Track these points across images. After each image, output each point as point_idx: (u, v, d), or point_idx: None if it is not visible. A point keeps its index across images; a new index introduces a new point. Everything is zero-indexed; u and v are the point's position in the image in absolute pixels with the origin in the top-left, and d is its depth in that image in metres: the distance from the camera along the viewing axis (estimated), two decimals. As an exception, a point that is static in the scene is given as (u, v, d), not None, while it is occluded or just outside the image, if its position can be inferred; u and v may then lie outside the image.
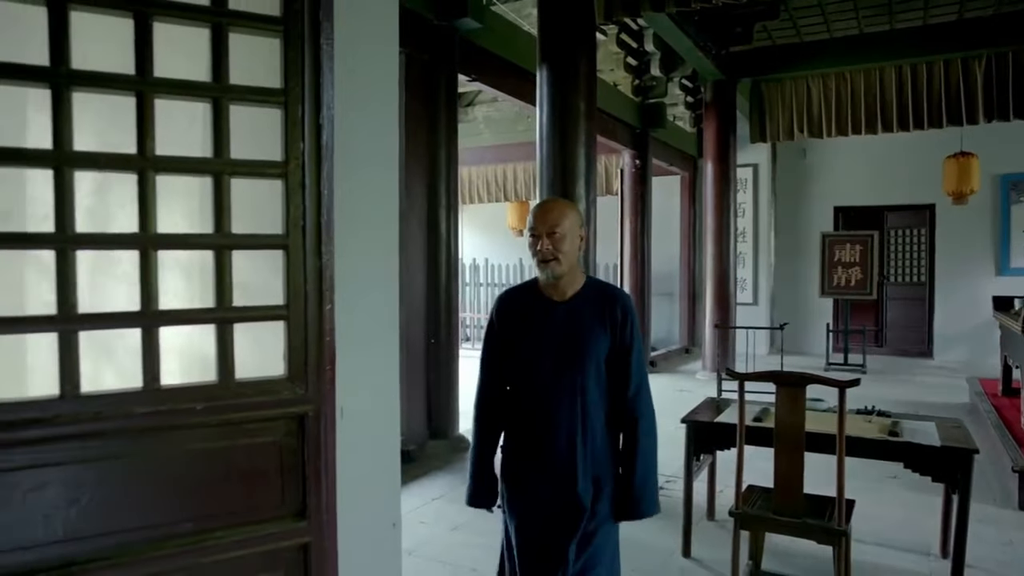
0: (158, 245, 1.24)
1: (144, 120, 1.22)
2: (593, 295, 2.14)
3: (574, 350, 2.08)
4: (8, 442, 1.13)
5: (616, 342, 2.10)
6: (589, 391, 2.09)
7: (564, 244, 2.04)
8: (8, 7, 1.16)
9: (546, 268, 2.06)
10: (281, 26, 1.32)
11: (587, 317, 2.10)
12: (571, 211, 2.12)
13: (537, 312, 2.14)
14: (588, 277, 2.18)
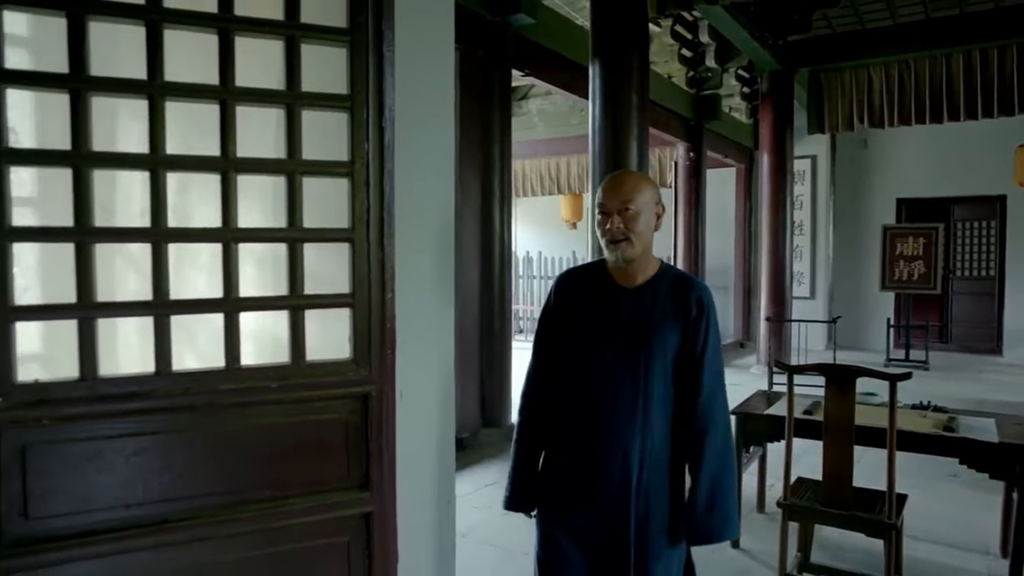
0: (238, 239, 1.38)
1: (226, 126, 1.35)
2: (667, 284, 1.86)
3: (639, 344, 1.81)
4: (115, 412, 1.29)
5: (689, 339, 1.83)
6: (652, 393, 1.81)
7: (638, 223, 1.79)
8: (111, 29, 1.30)
9: (616, 249, 1.80)
10: (347, 36, 1.43)
11: (658, 308, 1.83)
12: (647, 185, 1.85)
13: (600, 297, 1.88)
14: (663, 263, 1.92)
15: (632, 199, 1.78)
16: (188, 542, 1.36)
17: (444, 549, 1.87)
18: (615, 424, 1.81)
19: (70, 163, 1.26)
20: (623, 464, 1.80)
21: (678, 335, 1.82)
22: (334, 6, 1.45)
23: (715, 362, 1.86)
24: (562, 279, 1.99)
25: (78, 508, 1.28)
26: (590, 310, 1.88)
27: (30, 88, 1.25)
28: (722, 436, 1.85)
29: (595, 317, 1.87)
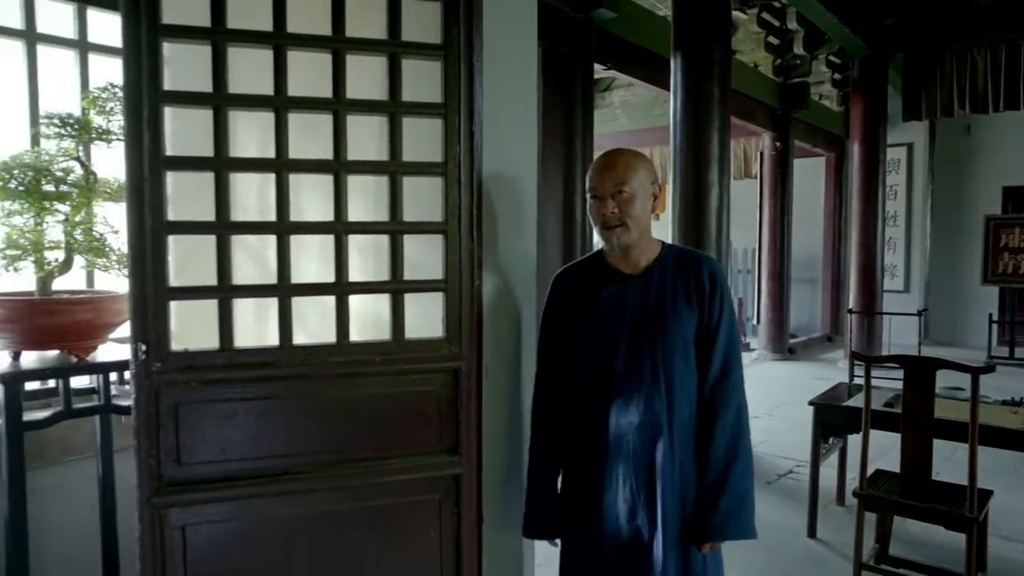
0: (348, 231, 1.59)
1: (338, 133, 1.56)
2: (674, 263, 1.74)
3: (655, 330, 1.69)
4: (247, 379, 1.52)
5: (704, 317, 1.71)
6: (675, 380, 1.70)
7: (633, 206, 1.67)
8: (244, 52, 1.53)
9: (611, 237, 1.69)
10: (442, 51, 1.62)
11: (668, 289, 1.71)
12: (640, 164, 1.72)
13: (605, 289, 1.76)
14: (664, 244, 1.80)
15: (626, 181, 1.67)
16: (304, 492, 1.59)
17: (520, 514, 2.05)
18: (639, 419, 1.70)
19: (213, 167, 1.49)
20: (648, 460, 1.70)
21: (695, 314, 1.71)
22: (430, 24, 1.64)
23: (729, 338, 1.75)
24: (559, 277, 1.88)
25: (217, 457, 1.52)
26: (596, 304, 1.75)
27: (181, 105, 1.49)
28: (734, 418, 1.74)
29: (603, 311, 1.74)
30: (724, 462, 1.71)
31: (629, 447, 1.71)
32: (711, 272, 1.74)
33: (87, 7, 2.32)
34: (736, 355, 1.77)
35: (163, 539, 1.50)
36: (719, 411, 1.73)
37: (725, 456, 1.71)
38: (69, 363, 1.78)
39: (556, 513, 1.82)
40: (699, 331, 1.72)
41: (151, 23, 1.44)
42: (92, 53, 2.36)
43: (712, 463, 1.71)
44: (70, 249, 1.83)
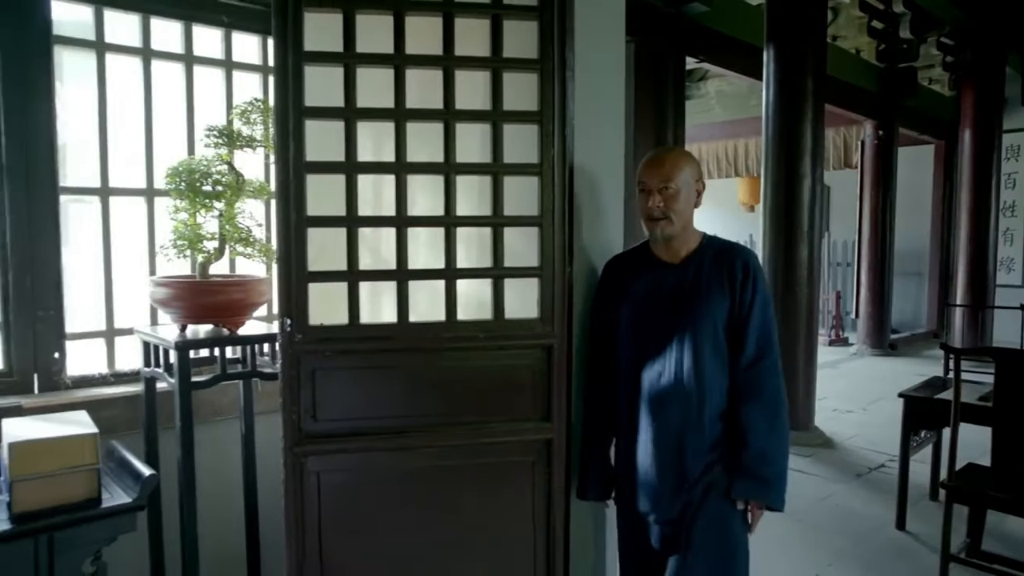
0: (456, 224, 1.83)
1: (448, 139, 1.81)
2: (712, 253, 1.89)
3: (687, 313, 1.83)
4: (371, 350, 1.80)
5: (736, 303, 1.84)
6: (705, 363, 1.82)
7: (677, 201, 1.83)
8: (369, 72, 1.79)
9: (655, 228, 1.86)
10: (538, 65, 1.83)
11: (703, 277, 1.86)
12: (686, 162, 1.88)
13: (646, 275, 1.93)
14: (706, 236, 1.96)
15: (673, 177, 1.83)
16: (417, 448, 1.85)
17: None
18: (669, 397, 1.83)
19: (344, 171, 1.77)
20: (679, 438, 1.83)
21: (727, 301, 1.83)
22: (528, 40, 1.85)
23: (762, 323, 1.84)
24: (609, 264, 2.05)
25: (346, 416, 1.80)
26: (637, 289, 1.92)
27: (319, 119, 1.77)
28: (772, 396, 1.83)
29: (643, 294, 1.91)
30: (764, 439, 1.80)
31: (663, 420, 1.84)
32: (745, 262, 1.86)
33: (232, 32, 2.67)
34: (770, 340, 1.85)
35: (302, 482, 1.79)
36: (755, 391, 1.82)
37: (766, 434, 1.81)
38: (223, 335, 2.12)
39: (607, 478, 2.00)
40: (731, 317, 1.83)
41: (297, 50, 1.73)
42: (236, 71, 2.72)
43: (751, 440, 1.80)
44: (223, 240, 2.17)
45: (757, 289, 1.84)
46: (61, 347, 2.34)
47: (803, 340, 5.24)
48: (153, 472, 1.87)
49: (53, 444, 1.76)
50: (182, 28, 2.59)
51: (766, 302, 1.86)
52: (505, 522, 1.92)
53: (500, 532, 1.93)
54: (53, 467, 1.75)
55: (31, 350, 2.28)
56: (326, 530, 1.80)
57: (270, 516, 2.43)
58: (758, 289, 1.85)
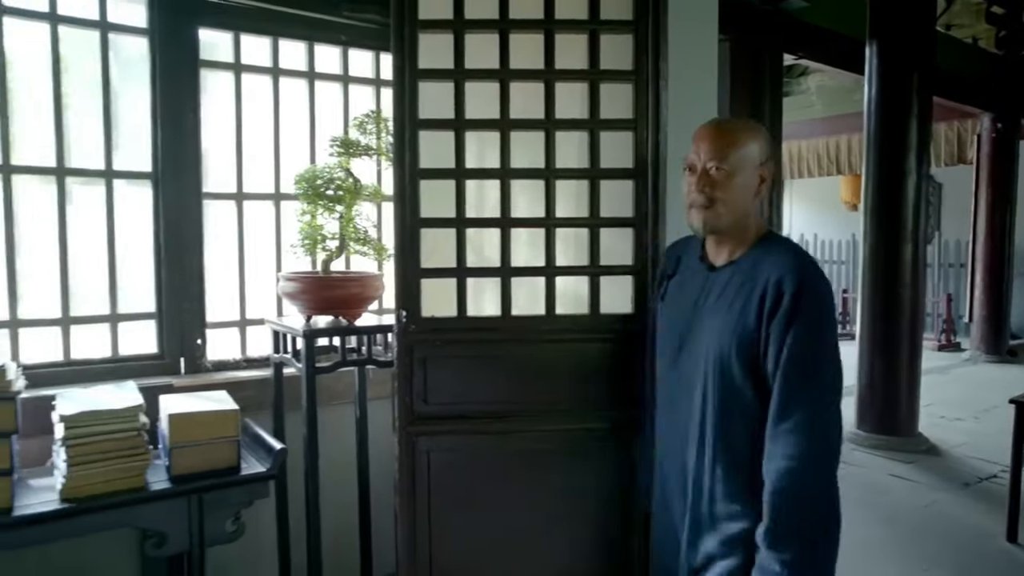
0: (556, 225, 1.98)
1: (549, 146, 1.96)
2: (752, 262, 1.46)
3: (707, 335, 1.47)
4: (477, 340, 1.97)
5: (763, 339, 1.38)
6: (720, 404, 1.45)
7: (729, 186, 1.44)
8: (474, 84, 1.96)
9: (697, 217, 1.48)
10: (633, 76, 1.95)
11: (732, 295, 1.45)
12: (749, 138, 1.47)
13: (687, 276, 1.61)
14: (768, 235, 1.52)
15: (725, 155, 1.43)
16: (517, 431, 2.00)
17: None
18: (678, 435, 1.56)
19: (454, 176, 1.95)
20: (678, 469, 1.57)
21: (751, 331, 1.39)
22: (623, 52, 1.98)
23: (801, 374, 1.35)
24: (668, 250, 1.77)
25: (453, 400, 1.98)
26: (675, 292, 1.63)
27: (431, 130, 1.95)
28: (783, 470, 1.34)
29: (677, 301, 1.60)
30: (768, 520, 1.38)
31: (675, 444, 1.58)
32: (779, 283, 1.37)
33: (349, 49, 2.92)
34: (798, 397, 1.35)
35: (414, 460, 1.99)
36: (770, 457, 1.38)
37: (770, 513, 1.37)
38: (343, 325, 2.35)
39: None
40: (757, 355, 1.40)
41: (412, 69, 1.92)
42: (352, 84, 2.96)
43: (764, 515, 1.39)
44: (343, 239, 2.39)
45: (797, 325, 1.34)
46: (203, 334, 2.65)
47: (906, 343, 5.09)
48: (284, 446, 2.11)
49: (203, 417, 2.02)
50: (305, 48, 2.86)
51: (805, 345, 1.35)
52: (596, 504, 2.05)
53: (588, 512, 2.06)
54: (203, 437, 2.01)
55: (179, 337, 2.59)
56: (434, 502, 1.99)
57: (380, 493, 2.66)
58: (800, 326, 1.34)
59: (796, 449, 1.33)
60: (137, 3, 2.52)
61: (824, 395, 1.37)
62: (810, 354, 1.36)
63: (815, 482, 1.35)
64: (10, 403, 1.80)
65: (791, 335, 1.35)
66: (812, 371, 1.37)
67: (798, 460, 1.33)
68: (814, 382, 1.37)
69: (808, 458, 1.33)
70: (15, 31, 2.33)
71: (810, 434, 1.34)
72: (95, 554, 2.32)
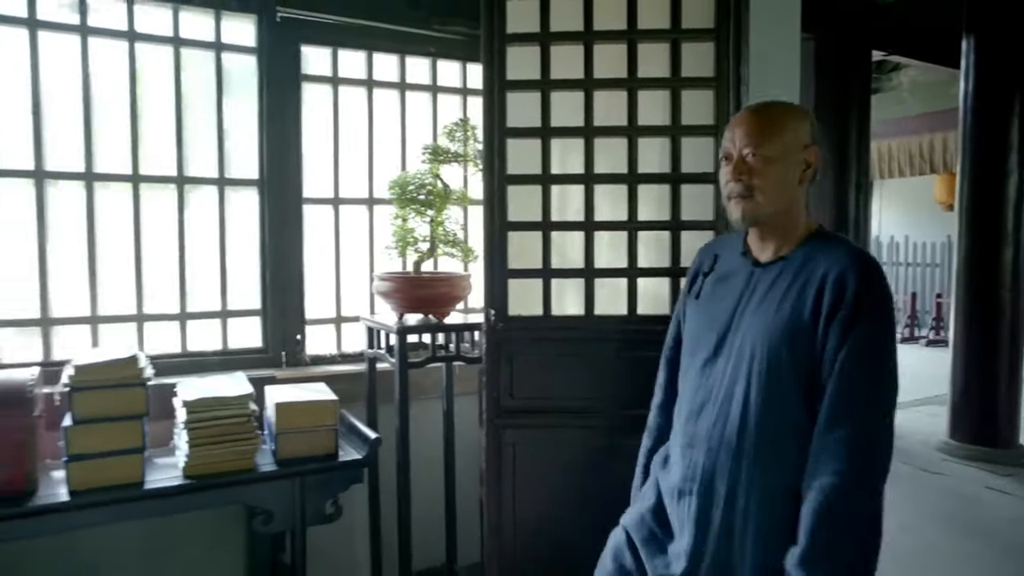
0: (638, 228, 2.05)
1: (632, 152, 2.03)
2: (803, 258, 1.34)
3: (752, 339, 1.33)
4: (560, 338, 2.07)
5: (818, 339, 1.27)
6: (765, 420, 1.30)
7: (768, 174, 1.33)
8: (565, 94, 2.05)
9: (735, 208, 1.37)
10: (714, 83, 2.00)
11: (781, 294, 1.33)
12: (789, 122, 1.36)
13: (726, 275, 1.47)
14: (817, 229, 1.41)
15: (764, 141, 1.33)
16: (596, 427, 2.09)
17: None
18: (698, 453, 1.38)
19: (540, 182, 2.05)
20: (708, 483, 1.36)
21: (808, 331, 1.27)
22: (704, 58, 2.03)
23: (859, 378, 1.24)
24: (702, 249, 1.62)
25: (538, 395, 2.08)
26: (713, 290, 1.48)
27: (518, 137, 2.06)
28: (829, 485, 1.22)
29: (715, 300, 1.46)
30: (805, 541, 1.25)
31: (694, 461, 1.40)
32: (840, 279, 1.27)
33: (438, 60, 3.07)
34: (852, 408, 1.24)
35: (500, 451, 2.10)
36: (813, 472, 1.26)
37: (807, 533, 1.24)
38: (433, 323, 2.48)
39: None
40: (811, 359, 1.28)
41: (501, 80, 2.03)
42: (440, 94, 3.11)
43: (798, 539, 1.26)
44: (433, 241, 2.53)
45: (857, 326, 1.24)
46: (302, 330, 2.84)
47: (1006, 350, 4.87)
48: (378, 436, 2.25)
49: (306, 406, 2.19)
50: (397, 60, 3.02)
51: (865, 347, 1.25)
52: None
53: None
54: (306, 425, 2.18)
55: (281, 332, 2.80)
56: (518, 491, 2.10)
57: (464, 486, 2.79)
58: (858, 327, 1.24)
59: (844, 464, 1.22)
60: (247, 23, 2.73)
61: (880, 409, 1.27)
62: (872, 363, 1.25)
63: (862, 503, 1.23)
64: (142, 389, 2.01)
65: (852, 337, 1.24)
66: (871, 381, 1.25)
67: (844, 477, 1.22)
68: (872, 394, 1.25)
69: (856, 476, 1.22)
70: (143, 55, 2.57)
71: (861, 448, 1.23)
72: (208, 527, 2.54)
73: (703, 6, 1.99)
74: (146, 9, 2.56)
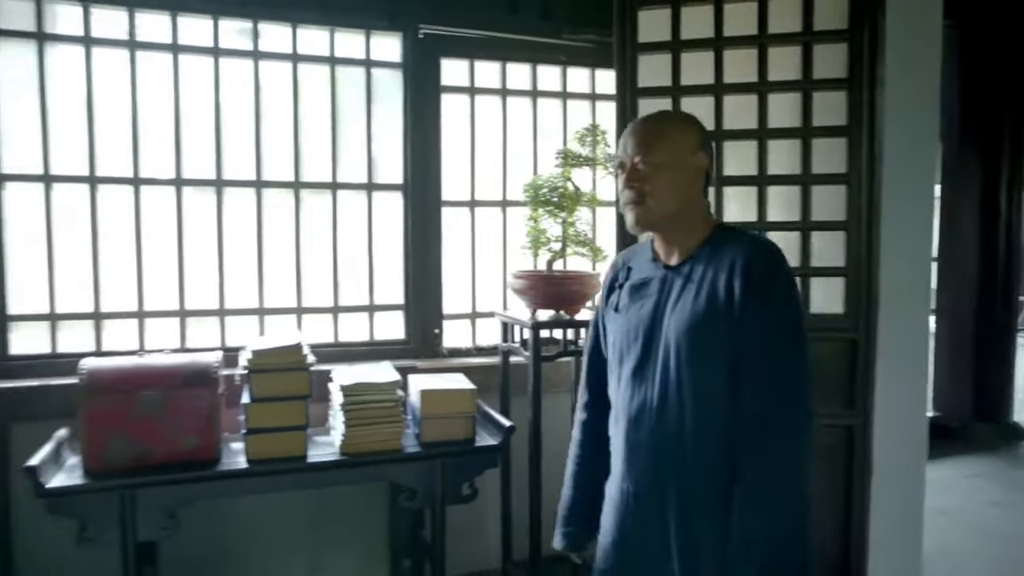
0: (768, 229, 2.09)
1: (762, 154, 2.07)
2: (709, 253, 1.38)
3: (673, 337, 1.36)
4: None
5: (735, 327, 1.30)
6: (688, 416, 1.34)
7: (656, 180, 1.36)
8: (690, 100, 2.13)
9: (629, 215, 1.41)
10: (847, 84, 2.01)
11: (692, 290, 1.36)
12: (675, 130, 1.41)
13: (637, 279, 1.49)
14: (717, 227, 1.44)
15: (652, 147, 1.37)
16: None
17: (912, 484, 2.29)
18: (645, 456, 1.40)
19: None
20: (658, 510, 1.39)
21: (722, 321, 1.32)
22: (836, 60, 2.04)
23: (777, 362, 1.29)
24: (615, 262, 1.61)
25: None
26: (630, 302, 1.48)
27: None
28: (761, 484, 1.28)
29: (634, 308, 1.46)
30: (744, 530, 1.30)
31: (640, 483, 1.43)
32: (746, 265, 1.31)
33: (567, 67, 3.21)
34: (781, 384, 1.30)
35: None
36: (745, 463, 1.30)
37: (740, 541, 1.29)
38: (564, 319, 2.62)
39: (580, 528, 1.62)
40: (734, 340, 1.31)
41: (633, 87, 2.13)
42: (569, 99, 3.25)
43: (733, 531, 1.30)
44: (564, 241, 2.67)
45: (767, 305, 1.30)
46: (440, 324, 3.06)
47: None
48: (512, 424, 2.41)
49: (448, 394, 2.38)
50: (529, 69, 3.18)
51: (779, 326, 1.31)
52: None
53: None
54: (447, 411, 2.36)
55: (421, 326, 3.02)
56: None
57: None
58: (768, 305, 1.30)
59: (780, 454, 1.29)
60: (393, 40, 2.97)
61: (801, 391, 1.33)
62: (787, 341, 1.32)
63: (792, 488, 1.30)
64: (306, 373, 2.26)
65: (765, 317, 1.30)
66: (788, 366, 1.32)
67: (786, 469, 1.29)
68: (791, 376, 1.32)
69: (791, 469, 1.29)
70: (305, 74, 2.87)
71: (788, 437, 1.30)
72: (355, 502, 2.79)
73: (836, 8, 2.00)
74: (306, 32, 2.86)
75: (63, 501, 1.93)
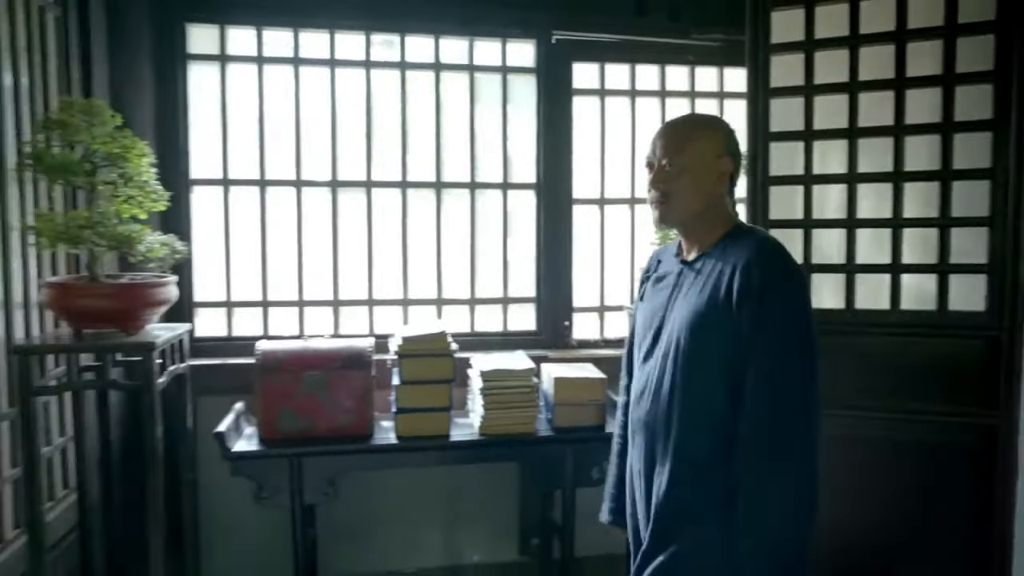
0: (904, 226, 2.08)
1: (898, 151, 2.07)
2: (722, 251, 1.45)
3: (677, 332, 1.45)
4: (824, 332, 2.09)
5: (733, 324, 1.36)
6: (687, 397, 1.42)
7: (680, 181, 1.45)
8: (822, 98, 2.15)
9: (654, 212, 1.51)
10: (992, 76, 1.97)
11: (701, 282, 1.45)
12: (701, 134, 1.48)
13: (664, 276, 1.58)
14: (734, 227, 1.49)
15: (677, 151, 1.46)
16: (864, 418, 2.13)
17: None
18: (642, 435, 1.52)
19: (802, 183, 2.16)
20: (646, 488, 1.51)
21: (722, 323, 1.38)
22: (980, 52, 2.00)
23: (775, 371, 1.33)
24: (652, 254, 1.74)
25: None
26: (652, 291, 1.60)
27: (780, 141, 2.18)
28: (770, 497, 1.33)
29: (653, 299, 1.58)
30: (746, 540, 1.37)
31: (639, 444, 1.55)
32: (747, 269, 1.36)
33: (695, 67, 3.26)
34: (776, 385, 1.34)
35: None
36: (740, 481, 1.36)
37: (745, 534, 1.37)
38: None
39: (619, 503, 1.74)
40: (730, 339, 1.38)
41: (765, 87, 2.18)
42: (698, 99, 3.29)
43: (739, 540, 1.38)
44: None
45: (766, 312, 1.34)
46: (570, 316, 3.20)
47: None
48: (640, 412, 2.51)
49: (580, 382, 2.52)
50: (657, 70, 3.26)
51: (781, 336, 1.34)
52: (942, 500, 2.10)
53: (927, 506, 2.11)
54: (578, 398, 2.50)
55: (552, 318, 3.18)
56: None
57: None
58: (769, 314, 1.34)
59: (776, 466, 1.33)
60: (527, 46, 3.14)
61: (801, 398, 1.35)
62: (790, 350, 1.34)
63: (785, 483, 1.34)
64: (450, 359, 2.47)
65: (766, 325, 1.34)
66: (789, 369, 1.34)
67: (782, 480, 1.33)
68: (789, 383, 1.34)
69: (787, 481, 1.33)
70: (447, 82, 3.09)
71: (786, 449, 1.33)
72: (489, 481, 2.99)
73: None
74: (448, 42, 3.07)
75: (244, 464, 2.23)
